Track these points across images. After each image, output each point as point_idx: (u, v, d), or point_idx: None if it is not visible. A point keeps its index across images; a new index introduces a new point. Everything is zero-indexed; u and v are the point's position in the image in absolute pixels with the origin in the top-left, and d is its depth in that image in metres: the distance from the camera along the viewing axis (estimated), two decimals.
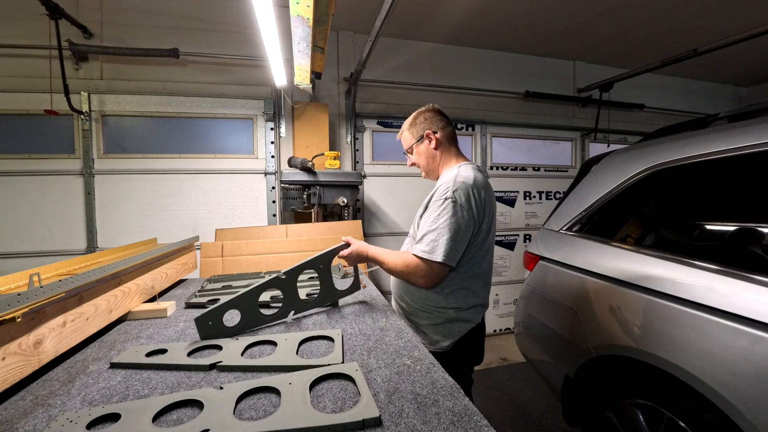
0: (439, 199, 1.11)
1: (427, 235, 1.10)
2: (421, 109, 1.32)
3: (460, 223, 1.08)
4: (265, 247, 2.27)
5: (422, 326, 1.22)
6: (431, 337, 1.21)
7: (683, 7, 2.85)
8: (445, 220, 1.08)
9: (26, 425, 0.62)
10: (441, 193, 1.12)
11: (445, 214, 1.08)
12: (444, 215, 1.08)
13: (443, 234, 1.08)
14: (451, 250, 1.08)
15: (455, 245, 1.08)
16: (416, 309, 1.23)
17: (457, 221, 1.08)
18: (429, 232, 1.10)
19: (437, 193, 1.14)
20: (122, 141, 2.81)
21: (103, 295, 1.06)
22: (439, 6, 2.85)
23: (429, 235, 1.10)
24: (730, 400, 0.96)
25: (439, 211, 1.10)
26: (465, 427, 0.59)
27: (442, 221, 1.08)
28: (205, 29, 2.88)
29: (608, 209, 1.63)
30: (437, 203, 1.11)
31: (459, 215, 1.08)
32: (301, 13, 1.54)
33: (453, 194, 1.09)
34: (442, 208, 1.09)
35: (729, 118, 1.41)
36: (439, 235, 1.08)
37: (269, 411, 0.64)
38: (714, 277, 1.08)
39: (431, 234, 1.09)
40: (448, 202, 1.09)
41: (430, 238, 1.09)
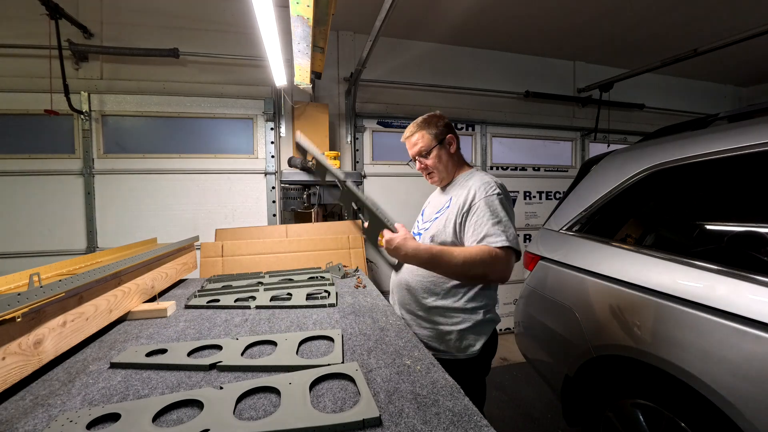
0: (490, 195, 1.12)
1: (496, 226, 1.07)
2: (435, 113, 1.29)
3: (512, 217, 1.12)
4: (265, 247, 2.27)
5: (448, 333, 1.15)
6: (460, 344, 1.15)
7: (683, 7, 2.85)
8: (506, 213, 1.10)
9: (26, 425, 0.62)
10: (487, 192, 1.13)
11: (504, 208, 1.11)
12: (503, 210, 1.10)
13: (510, 227, 1.09)
14: (518, 241, 1.09)
15: (516, 237, 1.10)
16: (438, 315, 1.17)
17: (511, 215, 1.12)
18: (495, 224, 1.07)
19: (480, 193, 1.13)
20: (122, 141, 2.81)
21: (103, 295, 1.06)
22: (439, 6, 2.85)
23: (497, 227, 1.07)
24: (730, 400, 0.96)
25: (495, 206, 1.10)
26: (465, 427, 0.59)
27: (504, 214, 1.09)
28: (205, 29, 2.88)
29: (608, 209, 1.63)
30: (491, 200, 1.11)
31: (510, 210, 1.13)
32: (301, 13, 1.54)
33: (499, 192, 1.13)
34: (499, 203, 1.11)
35: (729, 118, 1.41)
36: (508, 227, 1.08)
37: (269, 411, 0.64)
38: (714, 277, 1.08)
39: (499, 226, 1.07)
40: (501, 198, 1.12)
41: (500, 229, 1.07)
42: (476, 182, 1.17)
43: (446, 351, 1.16)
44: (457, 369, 1.07)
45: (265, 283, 1.57)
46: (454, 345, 1.15)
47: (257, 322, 1.12)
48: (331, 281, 1.56)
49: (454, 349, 1.15)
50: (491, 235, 1.06)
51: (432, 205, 1.37)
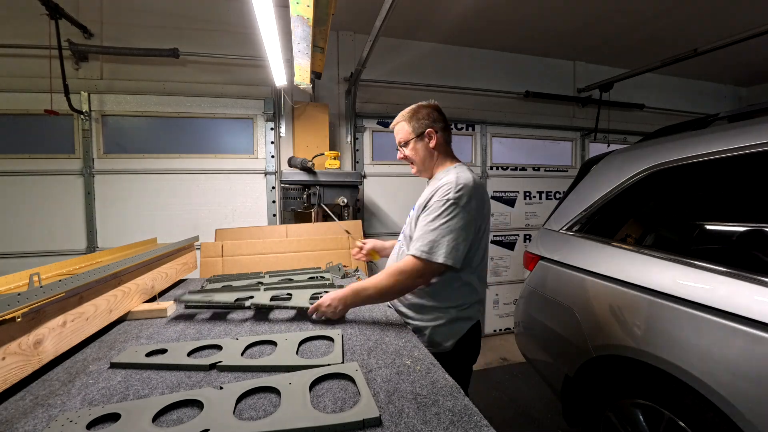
0: (440, 200, 1.10)
1: (424, 235, 1.08)
2: (422, 103, 1.27)
3: (460, 224, 1.08)
4: (265, 247, 2.27)
5: (424, 328, 1.18)
6: (433, 339, 1.17)
7: (683, 8, 2.85)
8: (447, 220, 1.07)
9: (26, 425, 0.62)
10: (442, 194, 1.10)
11: (446, 215, 1.08)
12: (445, 216, 1.08)
13: (444, 235, 1.07)
14: (452, 251, 1.07)
15: (456, 246, 1.07)
16: (417, 311, 1.20)
17: (458, 221, 1.07)
18: (427, 233, 1.08)
19: (438, 194, 1.12)
20: (122, 141, 2.81)
21: (103, 295, 1.06)
22: (439, 6, 2.85)
23: (428, 236, 1.08)
24: (730, 400, 0.96)
25: (439, 211, 1.08)
26: (465, 427, 0.59)
27: (443, 221, 1.07)
28: (205, 29, 2.88)
29: (608, 209, 1.63)
30: (438, 203, 1.10)
31: (460, 216, 1.08)
32: (301, 13, 1.54)
33: (455, 195, 1.08)
34: (443, 209, 1.08)
35: (729, 118, 1.41)
36: (440, 236, 1.07)
37: (269, 411, 0.64)
38: (714, 277, 1.08)
39: (430, 234, 1.08)
40: (449, 204, 1.08)
41: (429, 239, 1.07)
42: (444, 181, 1.14)
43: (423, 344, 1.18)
44: None
45: (265, 283, 1.57)
46: (427, 340, 1.17)
47: (257, 323, 1.12)
48: (331, 281, 1.56)
49: (426, 343, 1.15)
50: (417, 241, 1.09)
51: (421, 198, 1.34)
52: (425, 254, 1.07)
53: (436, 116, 1.25)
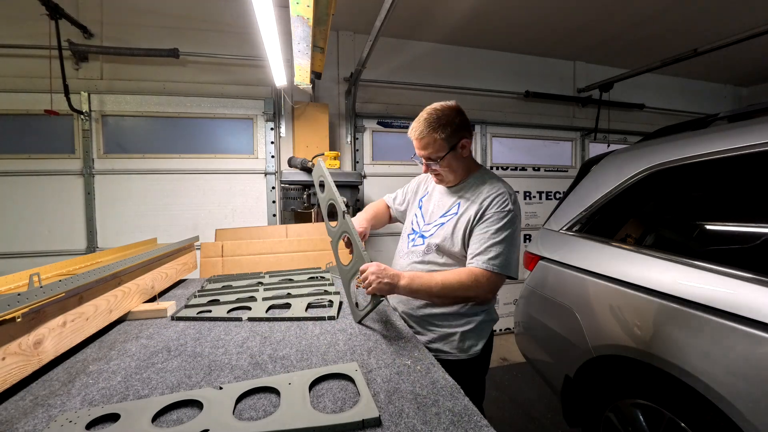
0: (501, 211, 1.08)
1: (492, 247, 1.05)
2: (449, 106, 1.12)
3: (518, 235, 1.10)
4: (265, 247, 2.27)
5: (452, 334, 1.15)
6: (463, 344, 1.15)
7: (683, 7, 2.85)
8: (511, 232, 1.07)
9: (26, 425, 0.62)
10: (502, 205, 1.09)
11: (510, 226, 1.07)
12: (508, 227, 1.07)
13: (511, 249, 1.07)
14: (517, 263, 1.08)
15: (517, 258, 1.09)
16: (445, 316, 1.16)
17: (516, 233, 1.09)
18: (495, 244, 1.05)
19: (496, 205, 1.09)
20: (122, 141, 2.81)
21: (103, 295, 1.06)
22: (439, 6, 2.85)
23: (496, 248, 1.05)
24: (730, 400, 0.96)
25: (502, 222, 1.07)
26: (465, 427, 0.59)
27: (507, 233, 1.07)
28: (205, 29, 2.88)
29: (608, 209, 1.63)
30: (500, 215, 1.08)
31: (518, 226, 1.10)
32: (301, 13, 1.54)
33: (514, 208, 1.10)
34: (507, 221, 1.08)
35: (729, 118, 1.41)
36: (508, 249, 1.06)
37: (269, 411, 0.64)
38: (714, 277, 1.08)
39: (498, 247, 1.05)
40: (512, 215, 1.09)
41: (498, 251, 1.05)
42: (490, 190, 1.12)
43: (448, 352, 1.15)
44: (460, 369, 1.08)
45: (265, 283, 1.57)
46: (457, 346, 1.14)
47: (257, 323, 1.12)
48: (331, 281, 1.56)
49: (456, 350, 1.14)
50: (485, 253, 1.05)
51: (435, 204, 1.26)
52: (499, 268, 1.04)
53: (464, 121, 1.13)
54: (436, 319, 1.16)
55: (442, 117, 1.10)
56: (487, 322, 1.18)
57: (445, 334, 1.14)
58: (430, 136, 1.10)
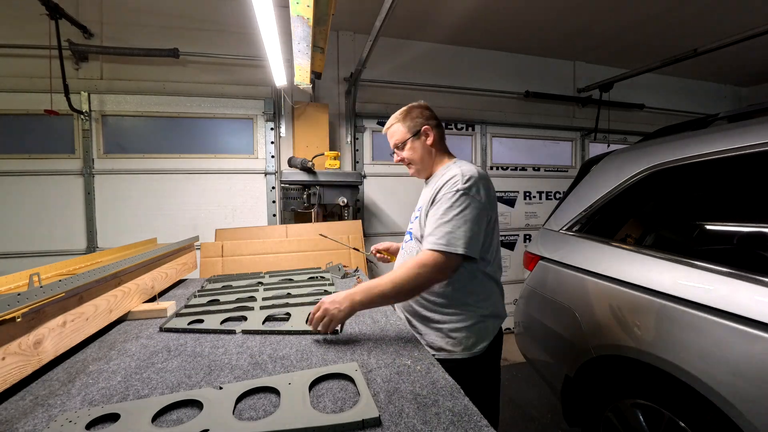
0: (449, 192, 1.06)
1: (439, 227, 1.03)
2: (412, 104, 1.26)
3: (474, 214, 1.04)
4: (265, 247, 2.27)
5: (451, 331, 1.10)
6: (465, 342, 1.10)
7: (683, 7, 2.85)
8: (460, 211, 1.04)
9: (26, 425, 0.62)
10: (451, 186, 1.07)
11: (459, 206, 1.04)
12: (458, 207, 1.04)
13: (460, 226, 1.02)
14: (470, 241, 1.02)
15: (474, 236, 1.03)
16: (441, 311, 1.12)
17: (472, 212, 1.04)
18: (441, 225, 1.03)
19: (446, 187, 1.08)
20: (122, 141, 2.81)
21: (103, 295, 1.06)
22: (439, 6, 2.85)
23: (443, 228, 1.02)
24: (730, 400, 0.96)
25: (450, 203, 1.04)
26: (465, 427, 0.59)
27: (456, 212, 1.03)
28: (205, 29, 2.88)
29: (608, 209, 1.63)
30: (447, 195, 1.06)
31: (474, 206, 1.05)
32: (301, 13, 1.54)
33: (464, 186, 1.06)
34: (454, 200, 1.05)
35: (729, 118, 1.41)
36: (455, 227, 1.02)
37: (269, 411, 0.64)
38: (714, 277, 1.08)
39: (445, 226, 1.03)
40: (460, 194, 1.05)
41: (445, 230, 1.02)
42: (449, 174, 1.11)
43: (451, 350, 1.10)
44: (465, 369, 1.05)
45: (265, 283, 1.57)
46: (460, 343, 1.09)
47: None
48: (331, 281, 1.56)
49: (459, 348, 1.09)
50: (432, 236, 1.03)
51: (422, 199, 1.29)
52: (443, 246, 1.01)
53: (428, 114, 1.24)
54: (436, 316, 1.13)
55: (405, 111, 1.25)
56: (490, 318, 1.13)
57: (446, 330, 1.11)
58: (394, 126, 1.26)
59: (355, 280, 1.64)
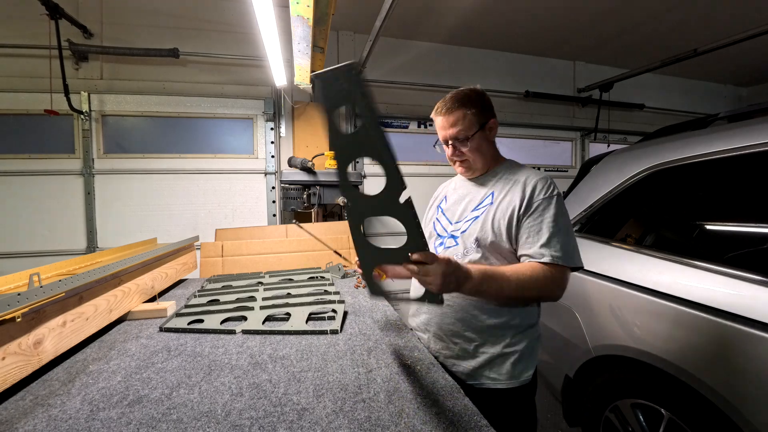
0: (549, 196, 0.93)
1: (556, 236, 0.89)
2: (473, 88, 1.04)
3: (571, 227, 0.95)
4: (265, 247, 2.27)
5: (503, 357, 0.94)
6: (513, 370, 0.93)
7: (683, 7, 2.85)
8: (565, 219, 0.92)
9: (26, 425, 0.62)
10: (546, 190, 0.94)
11: (564, 212, 0.93)
12: (562, 214, 0.92)
13: (569, 235, 0.92)
14: (579, 252, 0.92)
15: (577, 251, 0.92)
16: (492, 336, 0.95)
17: (568, 220, 0.94)
18: (557, 233, 0.89)
19: (540, 190, 0.94)
20: (122, 141, 2.81)
21: (103, 295, 1.06)
22: (439, 6, 2.85)
23: (558, 237, 0.89)
24: (730, 400, 0.96)
25: (557, 209, 0.92)
26: (465, 427, 0.59)
27: (563, 222, 0.91)
28: (205, 29, 2.88)
29: (608, 209, 1.63)
30: (550, 201, 0.93)
31: (567, 213, 0.95)
32: (301, 13, 1.54)
33: (558, 192, 0.95)
34: (560, 206, 0.93)
35: (729, 118, 1.41)
36: (567, 236, 0.91)
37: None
38: (714, 277, 1.08)
39: (560, 236, 0.89)
40: (559, 199, 0.93)
41: (562, 241, 0.89)
42: (530, 176, 0.97)
43: (496, 379, 0.93)
44: (510, 399, 0.93)
45: (265, 283, 1.57)
46: (509, 371, 0.93)
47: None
48: (331, 281, 1.56)
49: (506, 376, 0.93)
50: (548, 246, 0.88)
51: (461, 200, 1.08)
52: (563, 261, 0.87)
53: (490, 102, 1.05)
54: (491, 335, 0.95)
55: (471, 94, 1.02)
56: (535, 340, 1.00)
57: (492, 357, 0.94)
58: (459, 110, 0.99)
59: (355, 280, 1.64)
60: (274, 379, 0.76)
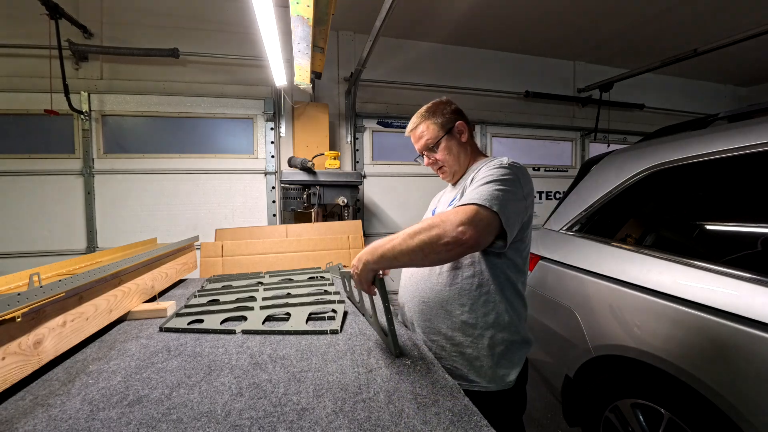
0: (489, 170, 0.91)
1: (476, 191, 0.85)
2: (438, 100, 1.11)
3: (516, 196, 0.87)
4: (265, 247, 2.27)
5: (478, 358, 0.92)
6: (494, 371, 0.91)
7: (683, 7, 2.85)
8: (502, 182, 0.86)
9: (26, 425, 0.62)
10: (492, 166, 0.92)
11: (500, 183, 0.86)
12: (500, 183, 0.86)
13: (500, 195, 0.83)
14: (508, 216, 0.82)
15: (513, 214, 0.84)
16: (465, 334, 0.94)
17: (513, 192, 0.86)
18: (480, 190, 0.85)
19: (485, 169, 0.93)
20: (122, 141, 2.81)
21: (103, 295, 1.06)
22: (439, 6, 2.85)
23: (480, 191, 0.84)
24: (730, 400, 0.96)
25: (492, 178, 0.87)
26: (465, 427, 0.59)
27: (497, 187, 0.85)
28: (205, 29, 2.88)
29: (608, 209, 1.63)
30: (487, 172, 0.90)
31: (515, 187, 0.87)
32: (301, 13, 1.54)
33: (507, 165, 0.91)
34: (497, 176, 0.88)
35: (729, 118, 1.41)
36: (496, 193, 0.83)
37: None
38: (714, 277, 1.08)
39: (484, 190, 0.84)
40: (504, 171, 0.89)
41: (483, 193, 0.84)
42: (483, 165, 0.99)
43: (474, 381, 0.92)
44: (491, 402, 0.89)
45: (265, 283, 1.57)
46: (487, 372, 0.92)
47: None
48: (330, 281, 1.56)
49: (486, 378, 0.91)
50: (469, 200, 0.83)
51: (444, 201, 1.16)
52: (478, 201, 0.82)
53: (456, 108, 1.10)
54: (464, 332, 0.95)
55: (432, 107, 1.10)
56: (518, 343, 0.96)
57: (470, 356, 0.93)
58: (423, 123, 1.09)
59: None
60: (274, 379, 0.76)
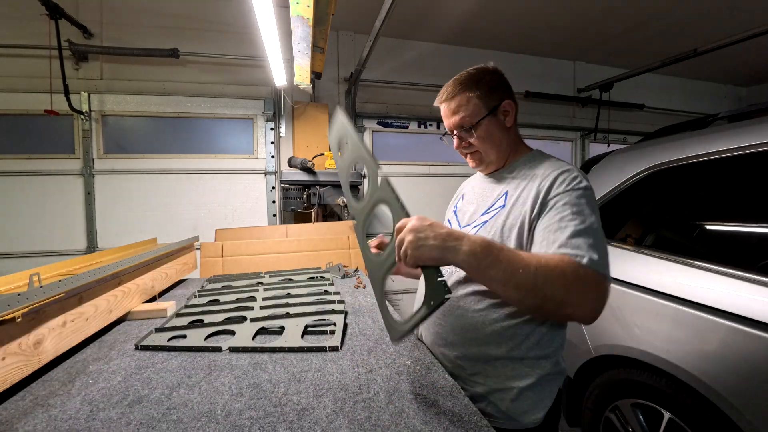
0: (575, 189, 0.73)
1: (577, 237, 0.66)
2: (484, 66, 0.87)
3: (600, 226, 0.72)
4: (265, 247, 2.27)
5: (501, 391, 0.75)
6: (519, 408, 0.75)
7: (683, 7, 2.85)
8: (595, 219, 0.71)
9: (26, 425, 0.62)
10: (566, 185, 0.74)
11: (590, 211, 0.71)
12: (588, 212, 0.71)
13: (601, 238, 0.69)
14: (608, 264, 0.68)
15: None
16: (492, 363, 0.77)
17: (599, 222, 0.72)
18: (579, 232, 0.67)
19: (558, 185, 0.74)
20: (122, 141, 2.81)
21: (103, 295, 1.06)
22: (439, 6, 2.85)
23: (581, 238, 0.66)
24: (730, 400, 0.96)
25: (578, 206, 0.71)
26: (465, 427, 0.59)
27: (591, 220, 0.70)
28: (205, 29, 2.88)
29: (608, 209, 1.63)
30: (567, 195, 0.72)
31: (597, 213, 0.73)
32: (301, 13, 1.54)
33: (585, 183, 0.75)
34: (583, 203, 0.71)
35: (729, 118, 1.42)
36: (598, 239, 0.68)
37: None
38: (714, 277, 1.08)
39: (584, 236, 0.67)
40: (586, 193, 0.73)
41: (586, 241, 0.66)
42: (549, 169, 0.78)
43: (493, 416, 0.75)
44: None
45: (265, 283, 1.57)
46: (509, 408, 0.75)
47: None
48: (331, 281, 1.56)
49: (505, 415, 0.75)
50: (573, 247, 0.65)
51: (474, 200, 0.93)
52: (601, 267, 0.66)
53: (504, 81, 0.87)
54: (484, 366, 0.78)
55: (476, 74, 0.85)
56: (553, 375, 0.79)
57: (493, 389, 0.76)
58: (463, 94, 0.83)
59: (355, 280, 1.64)
60: (274, 379, 0.76)
